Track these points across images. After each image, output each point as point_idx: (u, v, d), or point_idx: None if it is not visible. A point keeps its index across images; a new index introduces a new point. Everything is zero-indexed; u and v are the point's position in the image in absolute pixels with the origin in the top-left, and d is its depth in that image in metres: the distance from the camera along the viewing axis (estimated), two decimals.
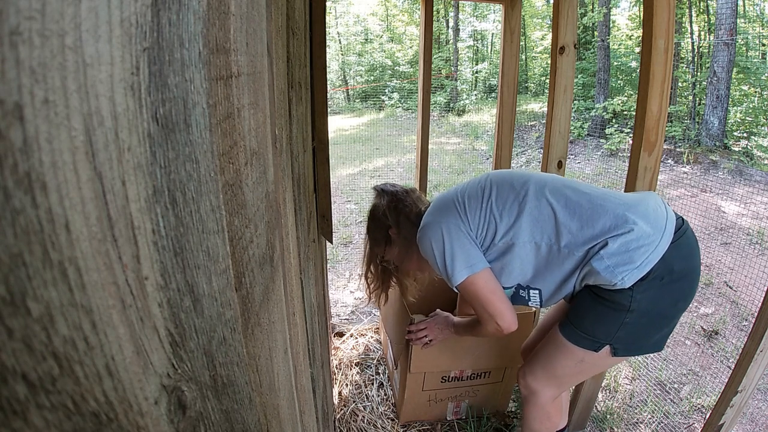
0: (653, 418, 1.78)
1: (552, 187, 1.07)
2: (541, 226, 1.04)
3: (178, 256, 0.22)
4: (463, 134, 8.71)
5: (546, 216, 1.03)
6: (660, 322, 1.02)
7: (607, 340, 1.03)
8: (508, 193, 1.09)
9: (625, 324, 0.99)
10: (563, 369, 1.14)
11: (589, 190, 1.07)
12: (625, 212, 0.99)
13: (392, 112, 11.07)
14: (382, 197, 1.31)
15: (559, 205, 1.03)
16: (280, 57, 0.56)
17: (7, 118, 0.13)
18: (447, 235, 1.08)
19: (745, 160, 5.86)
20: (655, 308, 0.99)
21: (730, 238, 3.76)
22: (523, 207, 1.05)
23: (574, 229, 1.00)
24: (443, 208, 1.14)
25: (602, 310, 1.02)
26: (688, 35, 8.31)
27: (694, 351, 2.36)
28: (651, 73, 1.20)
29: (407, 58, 13.67)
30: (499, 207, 1.08)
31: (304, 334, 0.74)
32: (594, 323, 1.04)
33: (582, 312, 1.07)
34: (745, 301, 2.79)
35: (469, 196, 1.12)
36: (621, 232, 0.96)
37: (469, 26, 13.77)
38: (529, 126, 8.45)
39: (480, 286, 1.08)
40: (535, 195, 1.06)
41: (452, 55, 12.46)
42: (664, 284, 0.97)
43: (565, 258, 1.02)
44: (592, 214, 1.00)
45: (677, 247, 0.98)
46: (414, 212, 1.26)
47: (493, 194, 1.10)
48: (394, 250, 1.29)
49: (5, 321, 0.14)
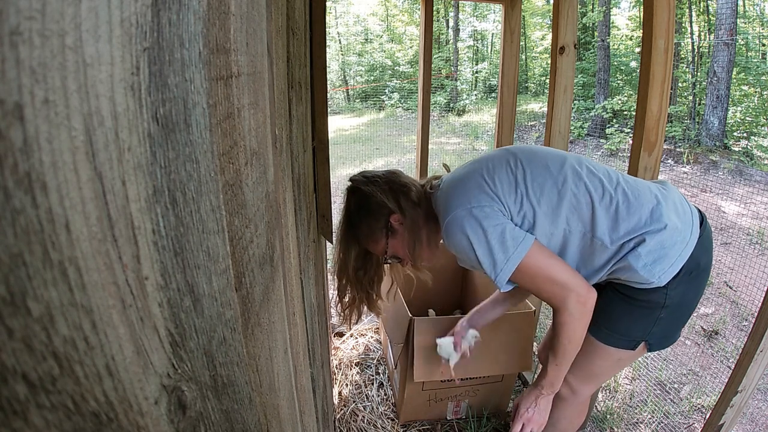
0: (653, 418, 1.78)
1: (588, 174, 0.99)
2: (578, 214, 0.97)
3: (178, 256, 0.22)
4: (463, 134, 8.71)
5: (584, 204, 0.96)
6: (687, 314, 1.04)
7: (644, 337, 1.03)
8: (545, 177, 0.98)
9: (660, 320, 1.00)
10: (601, 368, 1.13)
11: (620, 178, 1.01)
12: (659, 206, 0.96)
13: (392, 112, 11.07)
14: (370, 184, 1.11)
15: (597, 195, 0.96)
16: (280, 57, 0.56)
17: (8, 118, 0.13)
18: (486, 219, 0.93)
19: (745, 160, 5.86)
20: (685, 301, 1.00)
21: (730, 238, 3.76)
22: (563, 194, 0.96)
23: (611, 222, 0.96)
24: (470, 192, 0.98)
25: (636, 311, 1.01)
26: (688, 35, 8.31)
27: (694, 351, 2.36)
28: (651, 73, 1.20)
29: (407, 58, 13.67)
30: (537, 194, 0.97)
31: (304, 334, 0.74)
32: (630, 324, 1.03)
33: (615, 316, 1.04)
34: (745, 301, 2.79)
35: (500, 179, 0.98)
36: (657, 228, 0.94)
37: (469, 26, 13.77)
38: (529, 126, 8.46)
39: (537, 258, 0.94)
40: (574, 182, 0.97)
41: (452, 55, 12.46)
42: (692, 278, 0.97)
43: (598, 249, 0.98)
44: (629, 207, 0.96)
45: (702, 242, 0.98)
46: (414, 191, 1.11)
47: (528, 178, 0.98)
48: (399, 240, 1.11)
49: (5, 321, 0.14)
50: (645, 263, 0.93)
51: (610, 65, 8.20)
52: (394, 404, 1.74)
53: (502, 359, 1.52)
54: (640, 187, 1.00)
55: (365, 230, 1.11)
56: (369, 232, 1.11)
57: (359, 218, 1.12)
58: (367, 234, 1.12)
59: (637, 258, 0.94)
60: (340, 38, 14.45)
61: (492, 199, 0.96)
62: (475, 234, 0.93)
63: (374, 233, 1.11)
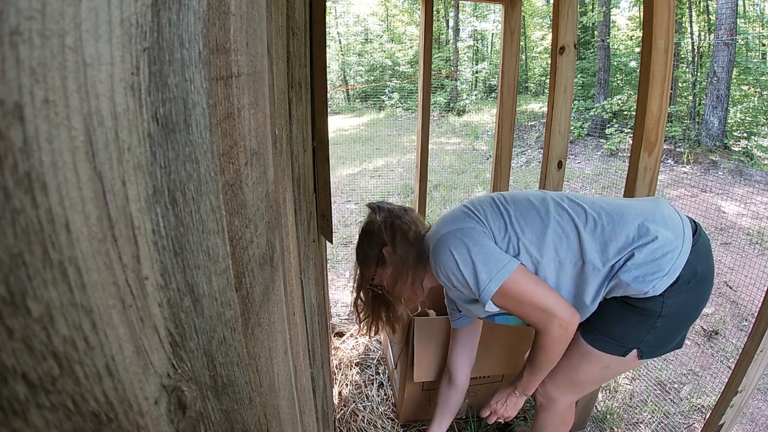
0: (653, 418, 1.78)
1: (569, 203, 1.04)
2: (566, 243, 1.00)
3: (178, 256, 0.22)
4: (463, 134, 8.71)
5: (570, 230, 1.00)
6: (686, 323, 1.04)
7: (636, 344, 1.04)
8: (528, 209, 1.03)
9: (655, 328, 1.00)
10: (587, 376, 1.12)
11: (604, 203, 1.04)
12: (644, 221, 0.98)
13: (392, 112, 11.07)
14: (378, 213, 1.19)
15: (581, 221, 1.00)
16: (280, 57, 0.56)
17: (7, 118, 0.13)
18: (471, 239, 0.99)
19: (745, 160, 5.86)
20: (683, 310, 1.00)
21: (730, 238, 3.76)
22: (546, 223, 1.01)
23: (599, 244, 0.98)
24: (457, 219, 1.05)
25: (632, 317, 1.01)
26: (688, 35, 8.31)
27: (694, 351, 2.36)
28: (651, 73, 1.20)
29: (407, 58, 13.67)
30: (520, 222, 1.02)
31: (304, 334, 0.74)
32: (624, 330, 1.03)
33: (610, 319, 1.05)
34: (745, 301, 2.79)
35: (484, 208, 1.05)
36: (645, 242, 0.96)
37: (469, 26, 13.77)
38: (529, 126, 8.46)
39: (521, 283, 0.98)
40: (556, 211, 1.02)
41: (452, 55, 12.47)
42: (690, 287, 0.98)
43: (590, 274, 1.00)
44: (614, 227, 0.98)
45: (697, 250, 0.99)
46: (412, 230, 1.16)
47: (510, 209, 1.04)
48: (386, 272, 1.16)
49: (5, 321, 0.14)
50: (636, 276, 0.95)
51: (610, 65, 8.20)
52: (394, 404, 1.74)
53: (503, 359, 1.52)
54: (624, 207, 1.03)
55: (362, 252, 1.20)
56: (364, 256, 1.20)
57: (360, 241, 1.21)
58: (362, 256, 1.20)
59: (627, 272, 0.96)
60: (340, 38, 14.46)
61: (478, 223, 1.02)
62: (460, 253, 0.98)
63: (367, 257, 1.19)
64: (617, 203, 1.05)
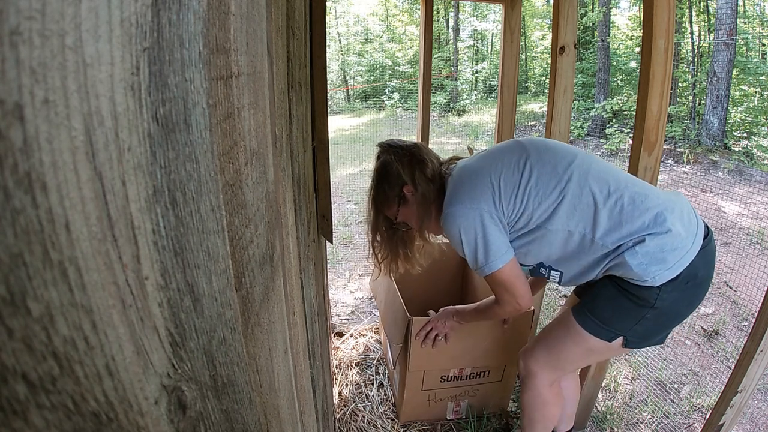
0: (653, 418, 1.78)
1: (596, 174, 1.02)
2: (579, 214, 1.00)
3: (178, 256, 0.22)
4: (463, 134, 8.71)
5: (585, 205, 0.99)
6: (674, 321, 1.05)
7: (623, 332, 1.04)
8: (550, 178, 1.02)
9: (645, 319, 1.01)
10: (569, 354, 1.13)
11: (630, 181, 1.03)
12: (663, 211, 0.98)
13: (392, 112, 11.07)
14: (392, 153, 1.19)
15: (602, 196, 0.99)
16: (280, 57, 0.56)
17: (8, 118, 0.13)
18: (480, 225, 1.01)
19: (745, 160, 5.86)
20: (674, 308, 1.01)
21: (730, 238, 3.76)
22: (564, 194, 1.00)
23: (613, 223, 0.98)
24: (475, 191, 1.04)
25: (625, 303, 1.02)
26: (688, 35, 8.31)
27: (694, 351, 2.36)
28: (651, 73, 1.20)
29: (407, 58, 13.66)
30: (539, 193, 1.01)
31: (304, 334, 0.74)
32: (614, 315, 1.04)
33: (602, 302, 1.06)
34: (745, 301, 2.79)
35: (506, 181, 1.03)
36: (659, 232, 0.96)
37: (469, 26, 13.77)
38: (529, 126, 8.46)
39: (507, 274, 1.05)
40: (578, 182, 1.00)
41: (452, 55, 12.46)
42: (687, 287, 0.98)
43: (597, 249, 1.00)
44: (633, 210, 0.98)
45: (704, 254, 0.99)
46: (429, 167, 1.17)
47: (533, 179, 1.02)
48: (410, 210, 1.19)
49: (5, 321, 0.14)
50: (641, 262, 0.95)
51: (610, 65, 8.19)
52: (394, 404, 1.74)
53: (504, 353, 1.52)
54: (648, 192, 1.02)
55: (381, 195, 1.21)
56: (384, 197, 1.21)
57: (378, 182, 1.21)
58: (382, 198, 1.21)
59: (633, 255, 0.96)
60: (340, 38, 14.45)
61: (493, 206, 1.03)
62: (466, 234, 1.03)
63: (388, 199, 1.20)
64: (642, 185, 1.04)
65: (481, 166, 1.09)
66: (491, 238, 1.02)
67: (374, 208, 1.24)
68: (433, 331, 1.39)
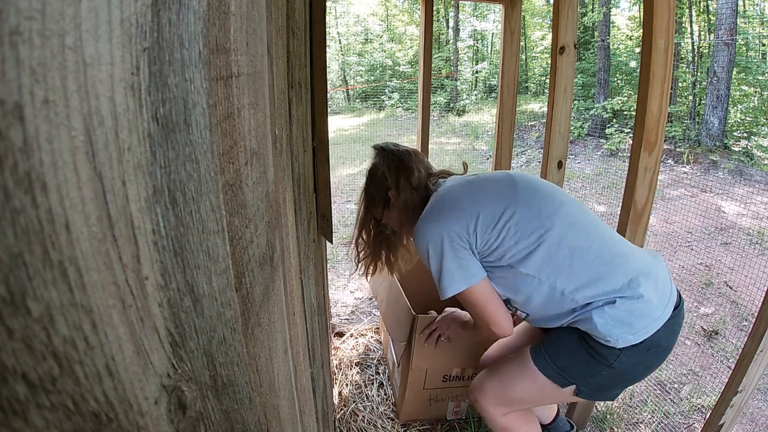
0: (653, 418, 1.78)
1: (579, 228, 1.01)
2: (553, 265, 0.99)
3: (178, 256, 0.22)
4: (463, 134, 8.71)
5: (561, 257, 0.98)
6: (629, 382, 1.07)
7: (577, 381, 1.04)
8: (532, 221, 1.00)
9: (601, 375, 1.01)
10: (521, 393, 1.12)
11: (612, 241, 1.03)
12: (639, 276, 0.98)
13: (392, 112, 11.07)
14: (382, 156, 1.22)
15: (580, 251, 0.99)
16: (280, 57, 0.56)
17: (8, 118, 0.13)
18: (448, 245, 1.00)
19: (745, 160, 5.86)
20: (632, 371, 1.02)
21: (730, 238, 3.76)
22: (542, 241, 0.99)
23: (587, 281, 0.98)
24: (452, 213, 1.03)
25: (584, 356, 1.02)
26: (688, 35, 8.31)
27: (694, 351, 2.36)
28: (651, 73, 1.20)
29: (407, 58, 13.66)
30: (517, 233, 1.00)
31: (304, 334, 0.74)
32: (571, 363, 1.04)
33: (562, 350, 1.06)
34: (745, 301, 2.79)
35: (486, 212, 1.02)
36: (631, 296, 0.96)
37: (469, 26, 13.77)
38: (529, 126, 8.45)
39: (476, 296, 1.04)
40: (559, 233, 0.99)
41: (452, 55, 12.46)
42: (648, 353, 0.99)
43: (566, 302, 1.00)
44: (609, 271, 0.98)
45: (670, 324, 1.00)
46: (415, 176, 1.18)
47: (515, 218, 1.00)
48: (393, 213, 1.22)
49: (5, 321, 0.14)
50: (607, 322, 0.95)
51: (610, 65, 8.19)
52: (394, 404, 1.74)
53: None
54: (629, 253, 1.02)
55: (369, 195, 1.25)
56: (371, 198, 1.25)
57: (367, 183, 1.26)
58: (369, 199, 1.25)
59: (601, 315, 0.95)
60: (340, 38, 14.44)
61: (466, 231, 1.01)
62: (435, 252, 1.03)
63: (374, 200, 1.24)
64: (624, 245, 1.04)
65: (465, 192, 1.08)
66: (458, 261, 1.01)
67: (363, 206, 1.27)
68: (437, 331, 1.40)
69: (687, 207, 4.39)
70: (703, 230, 3.87)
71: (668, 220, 4.13)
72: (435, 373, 1.54)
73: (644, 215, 1.35)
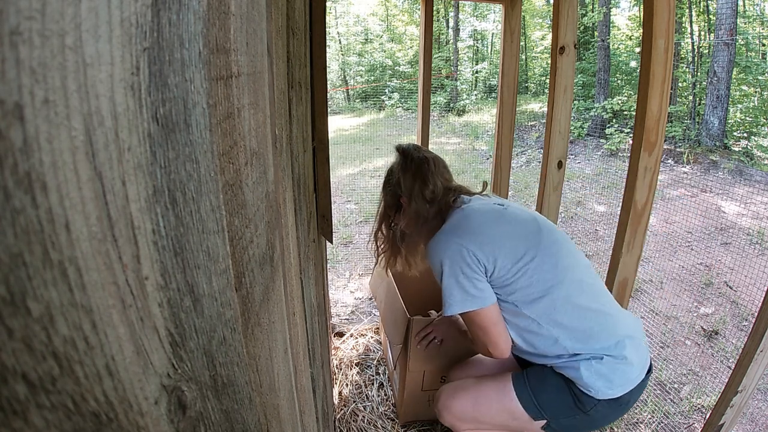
0: (653, 418, 1.78)
1: (582, 290, 1.06)
2: (555, 316, 1.04)
3: (178, 256, 0.22)
4: (463, 134, 8.71)
5: (563, 312, 1.04)
6: (594, 427, 1.14)
7: (550, 418, 1.09)
8: (547, 271, 1.04)
9: (575, 418, 1.08)
10: (492, 417, 1.14)
11: (607, 301, 1.10)
12: (626, 339, 1.06)
13: (392, 112, 11.07)
14: (401, 160, 1.20)
15: (579, 310, 1.05)
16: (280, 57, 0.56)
17: (8, 118, 0.13)
18: (465, 264, 1.00)
19: (745, 160, 5.86)
20: (602, 420, 1.09)
21: (730, 238, 3.76)
22: (551, 292, 1.03)
23: (579, 336, 1.04)
24: (477, 235, 1.03)
25: (568, 399, 1.07)
26: (688, 35, 8.31)
27: (694, 351, 2.36)
28: (651, 73, 1.20)
29: (407, 58, 13.66)
30: (532, 278, 1.03)
31: (304, 334, 0.74)
32: (552, 402, 1.09)
33: (548, 387, 1.10)
34: (745, 301, 2.79)
35: (510, 247, 1.03)
36: (616, 356, 1.04)
37: (469, 26, 13.77)
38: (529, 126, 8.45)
39: (484, 318, 1.05)
40: (567, 289, 1.04)
41: (452, 55, 12.46)
42: (619, 407, 1.07)
43: (557, 348, 1.06)
44: (601, 331, 1.05)
45: (641, 385, 1.09)
46: (430, 188, 1.14)
47: (534, 263, 1.03)
48: (404, 218, 1.21)
49: (5, 321, 0.14)
50: (591, 374, 1.02)
51: (610, 65, 8.19)
52: (394, 404, 1.74)
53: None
54: (618, 315, 1.10)
55: (384, 193, 1.25)
56: (385, 197, 1.25)
57: (385, 182, 1.25)
58: (385, 198, 1.25)
59: (588, 367, 1.03)
60: (340, 38, 14.44)
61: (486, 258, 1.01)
62: (450, 267, 1.02)
63: (388, 201, 1.24)
64: (613, 305, 1.12)
65: (494, 221, 1.08)
66: (472, 283, 1.01)
67: (383, 201, 1.27)
68: (431, 334, 1.40)
69: (687, 207, 4.39)
70: (703, 230, 3.88)
71: (668, 220, 4.13)
72: (433, 374, 1.54)
73: (644, 215, 1.35)
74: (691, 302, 2.85)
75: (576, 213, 4.56)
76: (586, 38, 9.65)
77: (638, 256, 1.42)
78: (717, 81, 6.45)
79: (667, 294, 2.95)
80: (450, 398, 1.21)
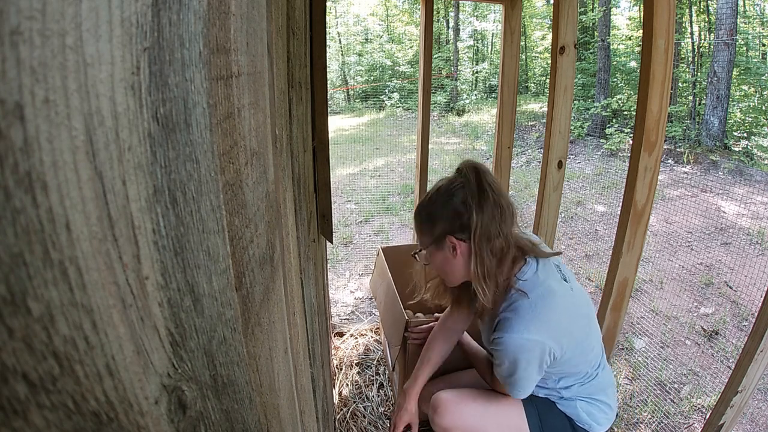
0: (653, 418, 1.78)
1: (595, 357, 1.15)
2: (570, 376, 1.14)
3: (179, 255, 0.22)
4: (463, 134, 8.71)
5: (576, 374, 1.14)
6: None
7: None
8: (587, 364, 1.14)
9: None
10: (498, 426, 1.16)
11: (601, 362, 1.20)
12: (609, 388, 1.19)
13: (392, 112, 11.06)
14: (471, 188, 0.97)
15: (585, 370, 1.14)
16: (281, 57, 0.56)
17: (8, 118, 0.13)
18: (542, 359, 0.98)
19: (745, 160, 5.86)
20: None
21: (730, 238, 3.76)
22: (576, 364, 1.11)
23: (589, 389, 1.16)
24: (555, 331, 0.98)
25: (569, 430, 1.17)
26: (688, 35, 8.31)
27: (694, 351, 2.36)
28: (651, 73, 1.20)
29: (407, 58, 13.66)
30: (578, 366, 1.12)
31: (304, 334, 0.74)
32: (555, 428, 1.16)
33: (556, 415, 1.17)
34: (745, 301, 2.79)
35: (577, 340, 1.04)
36: (607, 404, 1.18)
37: (469, 26, 13.76)
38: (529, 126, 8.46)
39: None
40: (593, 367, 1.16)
41: (452, 55, 12.46)
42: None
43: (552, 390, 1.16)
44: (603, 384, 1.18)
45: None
46: (498, 243, 0.96)
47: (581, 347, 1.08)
48: (439, 257, 1.02)
49: (6, 320, 0.14)
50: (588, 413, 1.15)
51: (610, 65, 8.19)
52: (394, 405, 1.73)
53: None
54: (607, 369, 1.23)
55: (424, 217, 1.03)
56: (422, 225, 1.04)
57: (430, 203, 1.02)
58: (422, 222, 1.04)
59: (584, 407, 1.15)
60: (340, 38, 14.44)
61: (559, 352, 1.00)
62: (526, 363, 0.98)
63: (423, 231, 1.03)
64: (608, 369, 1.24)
65: (568, 313, 1.01)
66: (542, 370, 1.02)
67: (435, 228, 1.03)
68: (425, 333, 1.40)
69: (687, 207, 4.39)
70: (703, 230, 3.88)
71: (668, 220, 4.13)
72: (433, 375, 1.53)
73: (644, 215, 1.35)
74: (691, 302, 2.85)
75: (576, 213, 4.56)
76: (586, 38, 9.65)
77: (638, 256, 1.42)
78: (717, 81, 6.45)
79: (667, 294, 2.95)
80: (454, 404, 1.20)
